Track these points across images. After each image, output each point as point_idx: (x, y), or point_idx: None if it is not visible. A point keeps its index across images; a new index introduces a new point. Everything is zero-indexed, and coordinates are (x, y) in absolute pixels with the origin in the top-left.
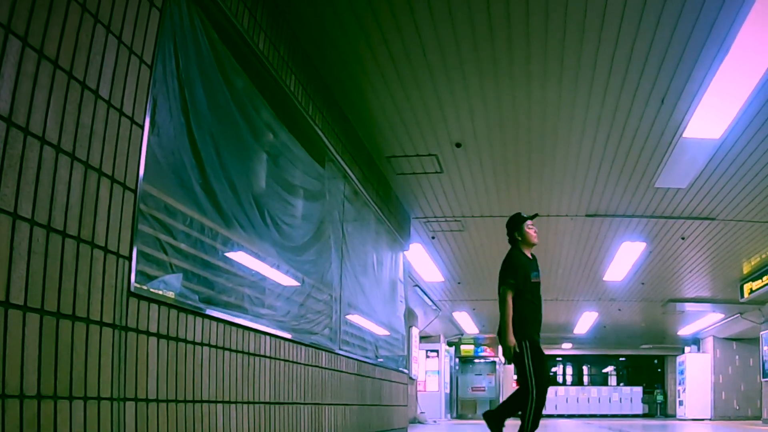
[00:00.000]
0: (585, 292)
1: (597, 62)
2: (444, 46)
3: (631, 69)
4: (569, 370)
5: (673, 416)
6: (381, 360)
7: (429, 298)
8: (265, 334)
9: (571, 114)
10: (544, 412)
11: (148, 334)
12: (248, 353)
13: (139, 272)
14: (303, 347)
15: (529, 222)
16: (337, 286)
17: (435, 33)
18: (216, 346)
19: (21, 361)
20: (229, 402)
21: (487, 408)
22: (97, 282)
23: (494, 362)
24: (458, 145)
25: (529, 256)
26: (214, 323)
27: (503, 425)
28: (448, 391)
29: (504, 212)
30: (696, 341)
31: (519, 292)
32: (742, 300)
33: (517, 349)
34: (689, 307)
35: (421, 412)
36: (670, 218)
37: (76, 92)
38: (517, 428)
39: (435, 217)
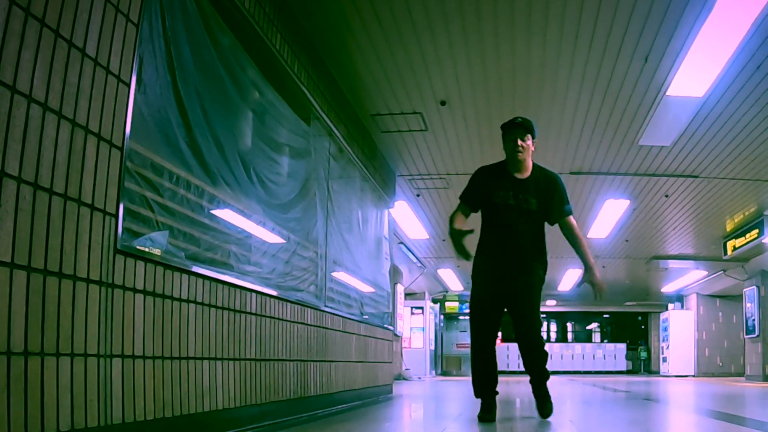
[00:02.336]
0: (569, 249)
1: (581, 20)
2: (428, 4)
3: (615, 26)
4: (553, 327)
5: (657, 373)
6: (366, 317)
7: (414, 255)
8: (251, 291)
9: (556, 72)
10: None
11: (135, 291)
12: (234, 310)
13: (125, 229)
14: (289, 304)
15: (508, 129)
16: (322, 244)
17: None
18: (202, 303)
19: (8, 318)
20: (215, 359)
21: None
22: (84, 239)
23: None
24: (443, 103)
25: (519, 176)
26: (200, 280)
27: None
28: (432, 347)
29: None
30: (679, 298)
31: (484, 210)
32: (725, 257)
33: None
34: (673, 264)
35: (406, 369)
36: (654, 176)
37: (62, 51)
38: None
39: (420, 174)
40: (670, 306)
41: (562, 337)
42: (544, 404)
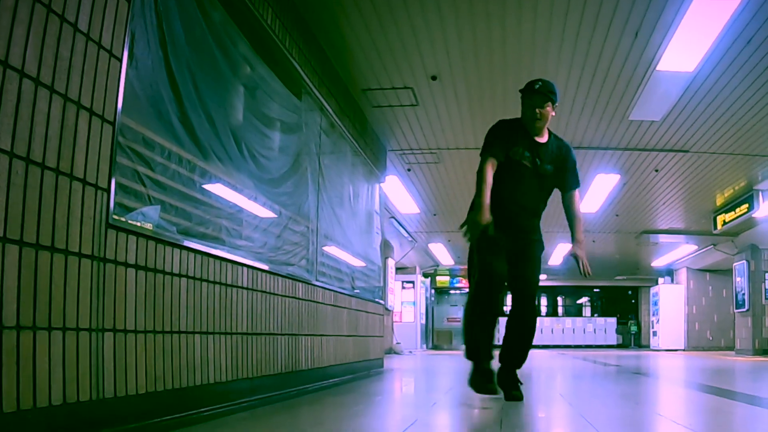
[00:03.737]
0: (559, 223)
1: None
2: None
3: (605, 1)
4: (544, 301)
5: (647, 347)
6: (357, 291)
7: (405, 229)
8: (243, 265)
9: (546, 47)
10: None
11: (127, 265)
12: (226, 284)
13: (117, 204)
14: (280, 278)
15: (527, 95)
16: (313, 218)
17: None
18: (194, 278)
19: (0, 293)
20: (207, 333)
21: (462, 339)
22: (76, 214)
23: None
24: (434, 78)
25: (539, 139)
26: (192, 255)
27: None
28: (423, 321)
29: (479, 144)
30: (669, 272)
31: (499, 167)
32: (715, 231)
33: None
34: (663, 238)
35: (397, 343)
36: (644, 150)
37: (54, 26)
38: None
39: (411, 149)
40: (660, 280)
41: (552, 311)
42: (518, 386)
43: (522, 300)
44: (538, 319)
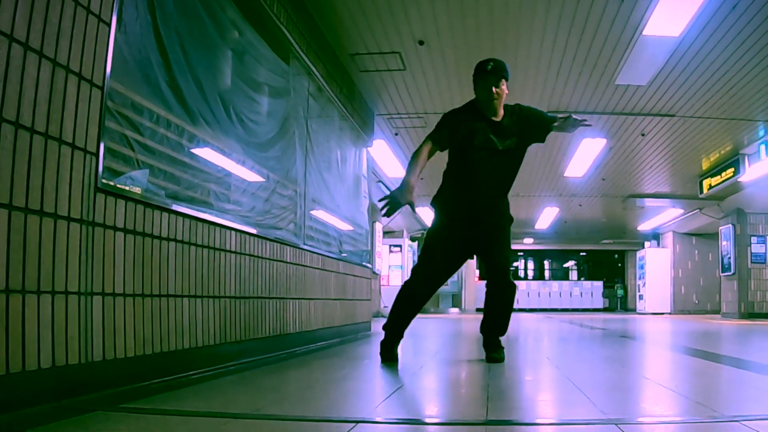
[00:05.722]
0: (546, 188)
1: None
2: None
3: None
4: (531, 264)
5: (633, 310)
6: (345, 255)
7: None
8: (231, 229)
9: (533, 11)
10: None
11: (115, 229)
12: (214, 248)
13: (106, 168)
14: (268, 242)
15: (481, 76)
16: (301, 182)
17: None
18: (182, 241)
19: None
20: (195, 296)
21: (450, 302)
22: (65, 178)
23: None
24: (421, 43)
25: (495, 118)
26: (180, 219)
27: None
28: None
29: None
30: (656, 236)
31: (454, 153)
32: (701, 196)
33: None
34: (649, 202)
35: (385, 306)
36: (631, 115)
37: None
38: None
39: (398, 113)
40: (647, 244)
41: (539, 275)
42: (499, 350)
43: (497, 281)
44: (525, 282)
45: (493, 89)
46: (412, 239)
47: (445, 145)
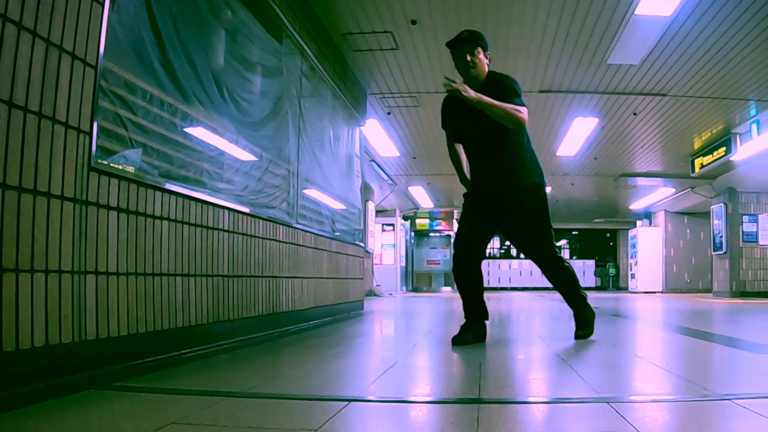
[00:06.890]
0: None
1: None
2: None
3: None
4: None
5: (625, 289)
6: (338, 234)
7: (385, 172)
8: (224, 208)
9: None
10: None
11: (109, 208)
12: (207, 227)
13: (99, 147)
14: (261, 221)
15: (456, 46)
16: (294, 161)
17: None
18: (175, 220)
19: None
20: (188, 275)
21: (442, 281)
22: (58, 157)
23: (449, 236)
24: (413, 22)
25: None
26: (174, 198)
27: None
28: (403, 264)
29: None
30: (648, 215)
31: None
32: (693, 175)
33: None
34: (641, 181)
35: (377, 285)
36: (623, 94)
37: None
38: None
39: (391, 93)
40: (639, 223)
41: None
42: (582, 327)
43: (538, 264)
44: (518, 261)
45: (468, 57)
46: (405, 218)
47: (453, 134)
